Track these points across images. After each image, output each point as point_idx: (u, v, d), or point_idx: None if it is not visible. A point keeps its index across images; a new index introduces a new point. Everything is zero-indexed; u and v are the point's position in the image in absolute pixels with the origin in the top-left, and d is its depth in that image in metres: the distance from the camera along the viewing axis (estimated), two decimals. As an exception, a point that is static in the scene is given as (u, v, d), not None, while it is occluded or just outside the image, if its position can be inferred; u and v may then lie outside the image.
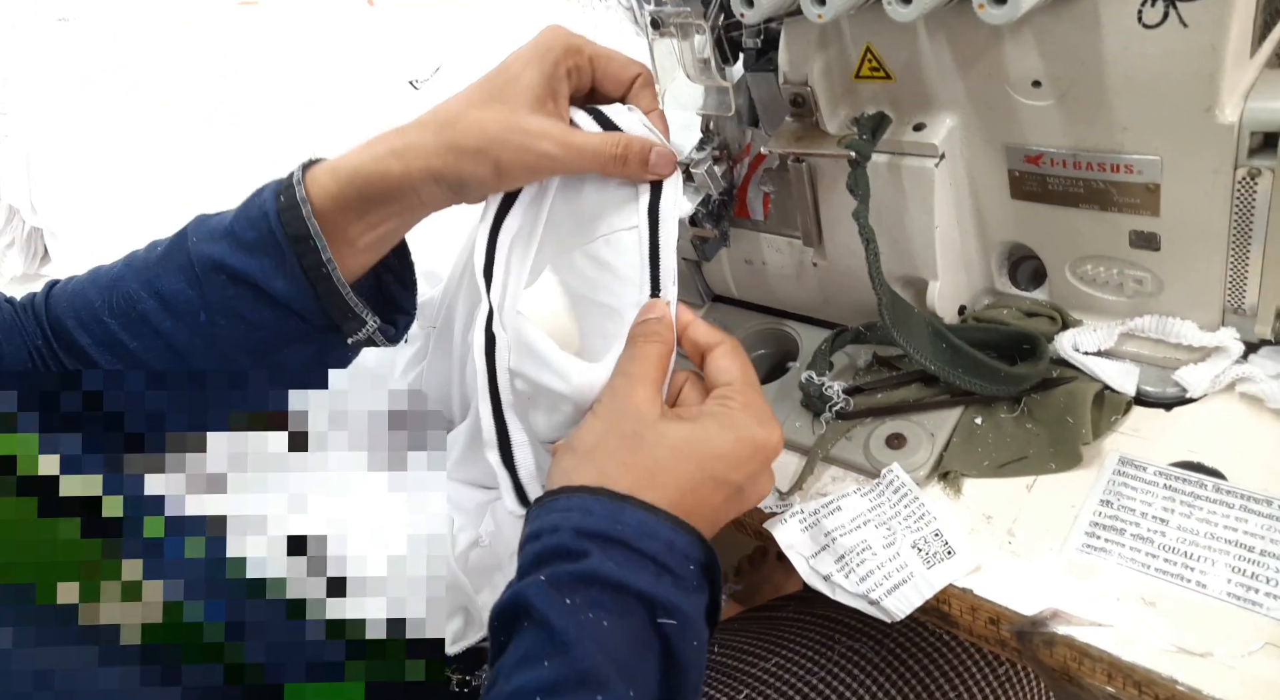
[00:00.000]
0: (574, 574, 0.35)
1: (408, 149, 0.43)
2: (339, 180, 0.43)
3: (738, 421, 0.41)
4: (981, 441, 0.47)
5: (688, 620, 0.36)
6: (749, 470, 0.41)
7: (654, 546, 0.37)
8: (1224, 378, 0.44)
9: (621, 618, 0.35)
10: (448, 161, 0.43)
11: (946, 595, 0.42)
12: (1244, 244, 0.41)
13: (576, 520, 0.37)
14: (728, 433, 0.40)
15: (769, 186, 0.55)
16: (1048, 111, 0.41)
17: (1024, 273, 0.52)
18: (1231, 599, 0.38)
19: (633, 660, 0.34)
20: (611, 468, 0.39)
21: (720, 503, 0.40)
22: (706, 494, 0.40)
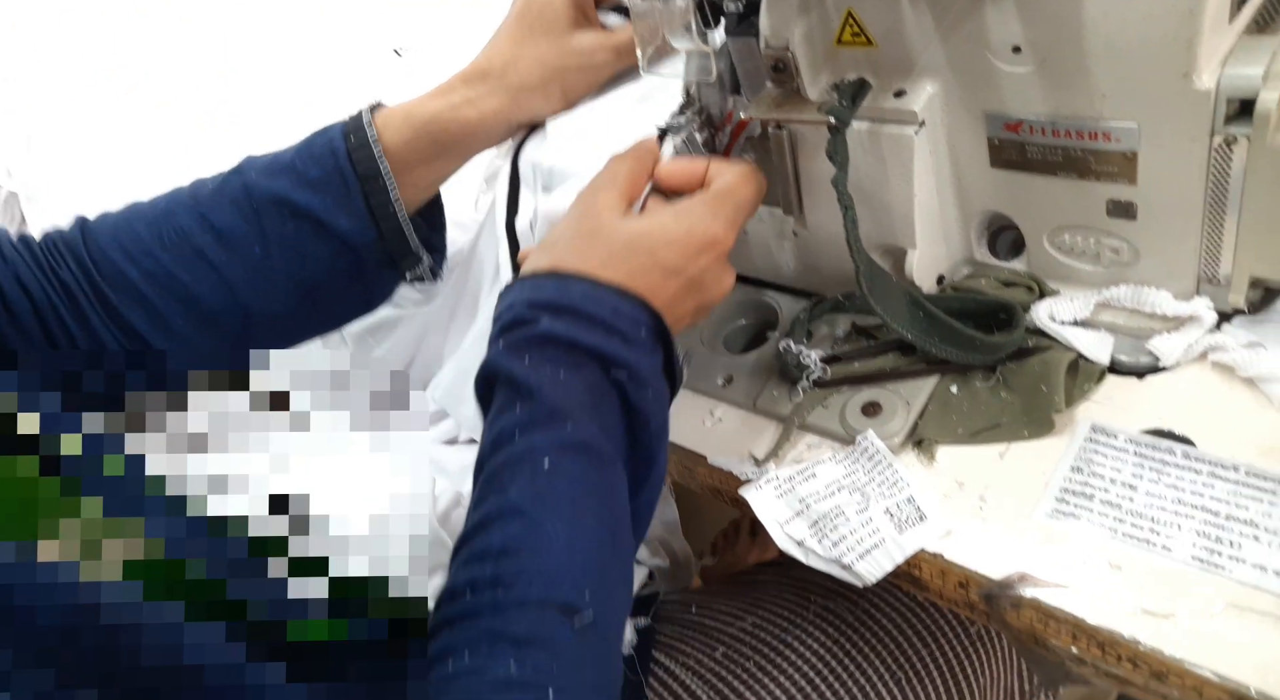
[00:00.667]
0: (528, 337, 0.38)
1: (480, 98, 0.46)
2: (413, 125, 0.46)
3: (694, 215, 0.43)
4: (956, 409, 0.48)
5: (640, 373, 0.39)
6: (701, 263, 0.42)
7: (600, 311, 0.39)
8: (1197, 347, 0.44)
9: (576, 370, 0.38)
10: (519, 102, 0.47)
11: (918, 560, 0.43)
12: (1219, 213, 0.41)
13: (528, 295, 0.40)
14: (680, 223, 0.42)
15: (750, 155, 0.55)
16: (1027, 78, 0.41)
17: (1003, 243, 0.52)
18: (1196, 562, 0.38)
19: (591, 402, 0.38)
20: (567, 256, 0.41)
21: (675, 292, 0.42)
22: (657, 281, 0.41)
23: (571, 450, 0.36)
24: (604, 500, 0.36)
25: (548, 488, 0.35)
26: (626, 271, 0.41)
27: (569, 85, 0.48)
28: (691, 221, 0.43)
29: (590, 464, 0.36)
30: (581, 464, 0.36)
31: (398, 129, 0.46)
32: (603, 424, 0.38)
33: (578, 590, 0.33)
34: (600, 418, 0.38)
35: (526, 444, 0.36)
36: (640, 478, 0.39)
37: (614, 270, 0.41)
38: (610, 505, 0.37)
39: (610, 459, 0.37)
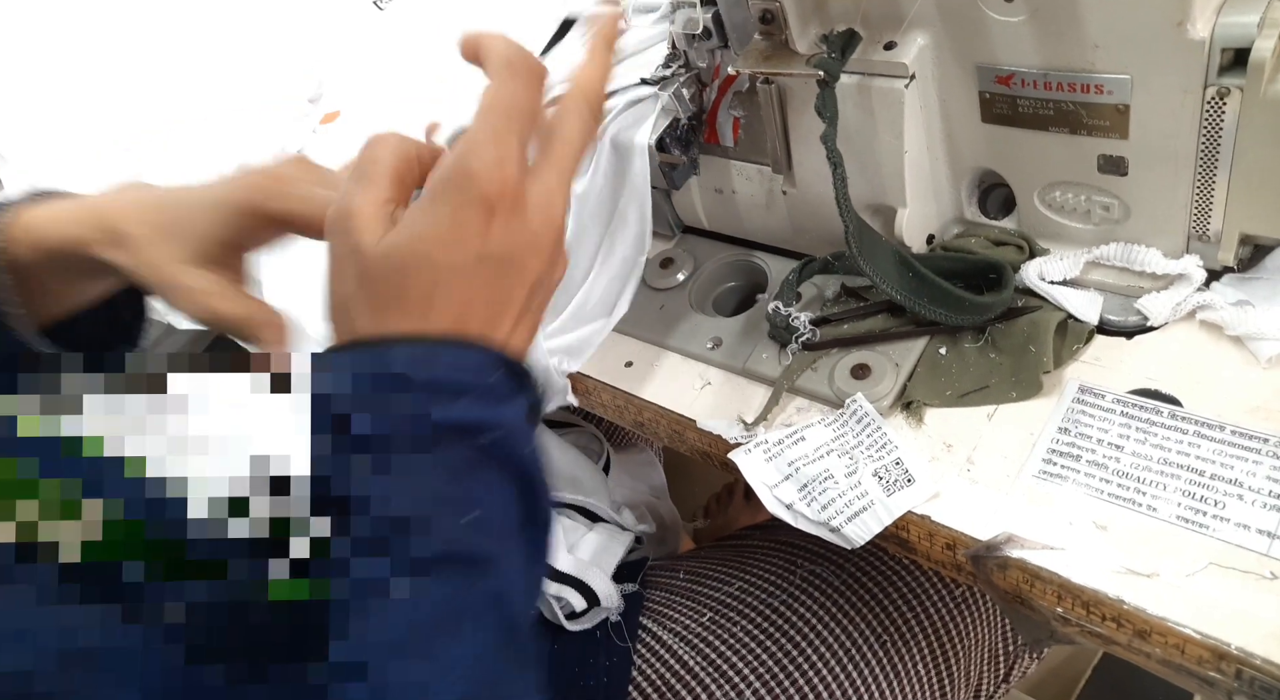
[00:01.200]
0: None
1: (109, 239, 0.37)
2: (39, 251, 0.37)
3: (443, 191, 0.32)
4: (945, 371, 0.47)
5: (509, 428, 0.31)
6: (494, 234, 0.32)
7: (436, 373, 0.30)
8: (1185, 305, 0.44)
9: (435, 456, 0.29)
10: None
11: (905, 522, 0.43)
12: (1210, 168, 0.40)
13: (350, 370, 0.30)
14: (440, 211, 0.32)
15: (739, 111, 0.54)
16: (1020, 28, 0.40)
17: (994, 201, 0.52)
18: (1180, 522, 0.38)
19: (457, 490, 0.29)
20: (360, 314, 0.32)
21: (493, 289, 0.32)
22: (462, 288, 0.32)
23: (430, 567, 0.27)
24: (482, 616, 0.28)
25: (404, 623, 0.26)
26: (427, 298, 0.31)
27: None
28: (452, 200, 0.31)
29: (459, 576, 0.28)
30: (446, 582, 0.28)
31: (32, 248, 0.37)
32: (478, 509, 0.29)
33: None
34: (472, 504, 0.29)
35: (366, 572, 0.26)
36: (536, 547, 0.32)
37: (419, 305, 0.31)
38: (494, 619, 0.28)
39: (486, 560, 0.29)
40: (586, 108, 0.35)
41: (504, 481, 0.31)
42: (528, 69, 0.33)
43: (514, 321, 0.33)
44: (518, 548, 0.31)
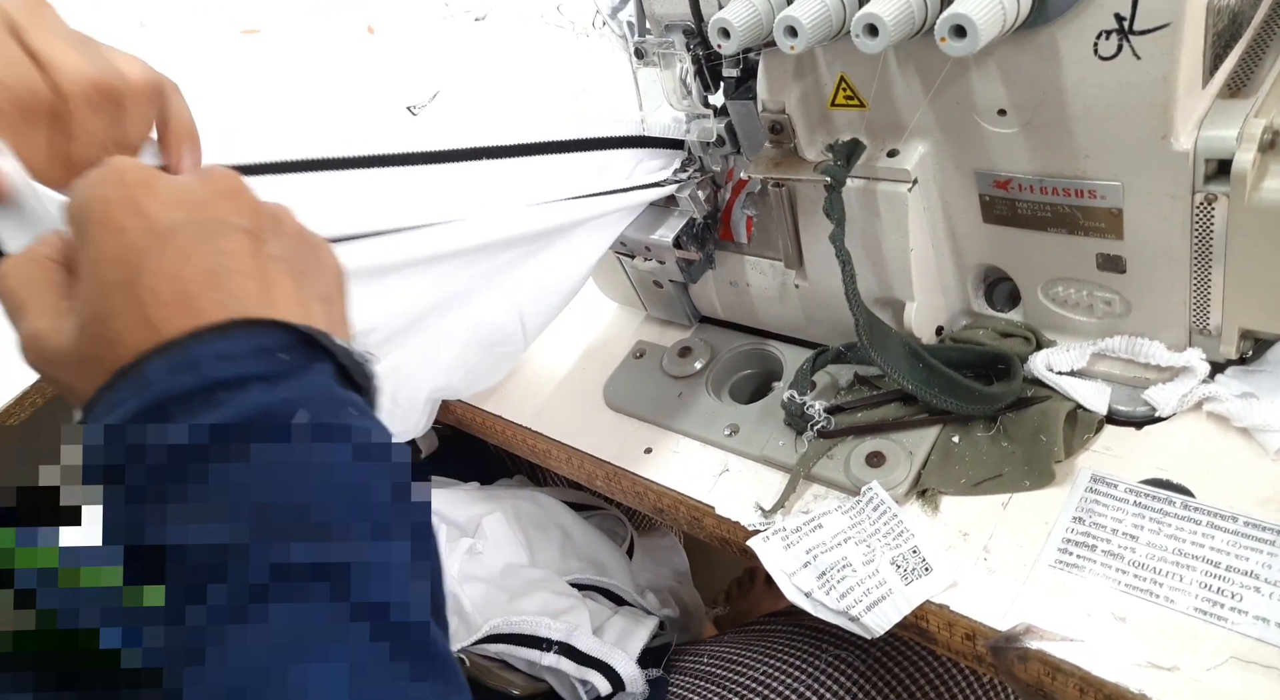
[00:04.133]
0: (148, 472, 0.24)
1: None
2: None
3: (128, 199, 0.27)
4: (959, 459, 0.48)
5: (317, 398, 0.26)
6: (183, 194, 0.28)
7: (199, 377, 0.25)
8: (1191, 397, 0.45)
9: (230, 467, 0.24)
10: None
11: (924, 611, 0.43)
12: (1205, 266, 0.42)
13: (116, 415, 0.25)
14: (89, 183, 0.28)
15: (752, 210, 0.56)
16: (1014, 138, 0.43)
17: (1000, 294, 0.54)
18: (1199, 614, 0.38)
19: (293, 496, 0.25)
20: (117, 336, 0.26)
21: (181, 258, 0.27)
22: (162, 273, 0.26)
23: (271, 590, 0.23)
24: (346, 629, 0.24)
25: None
26: (143, 303, 0.26)
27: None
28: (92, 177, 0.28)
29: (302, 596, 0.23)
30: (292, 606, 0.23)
31: None
32: (307, 505, 0.25)
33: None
34: (293, 504, 0.24)
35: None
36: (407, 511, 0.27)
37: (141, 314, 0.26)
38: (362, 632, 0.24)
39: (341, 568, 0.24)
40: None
41: (336, 457, 0.26)
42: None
43: (263, 288, 0.28)
44: (376, 536, 0.25)
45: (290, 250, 0.30)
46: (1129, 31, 0.36)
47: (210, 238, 0.27)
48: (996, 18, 0.35)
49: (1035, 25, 0.37)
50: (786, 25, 0.39)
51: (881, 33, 0.37)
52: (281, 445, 0.25)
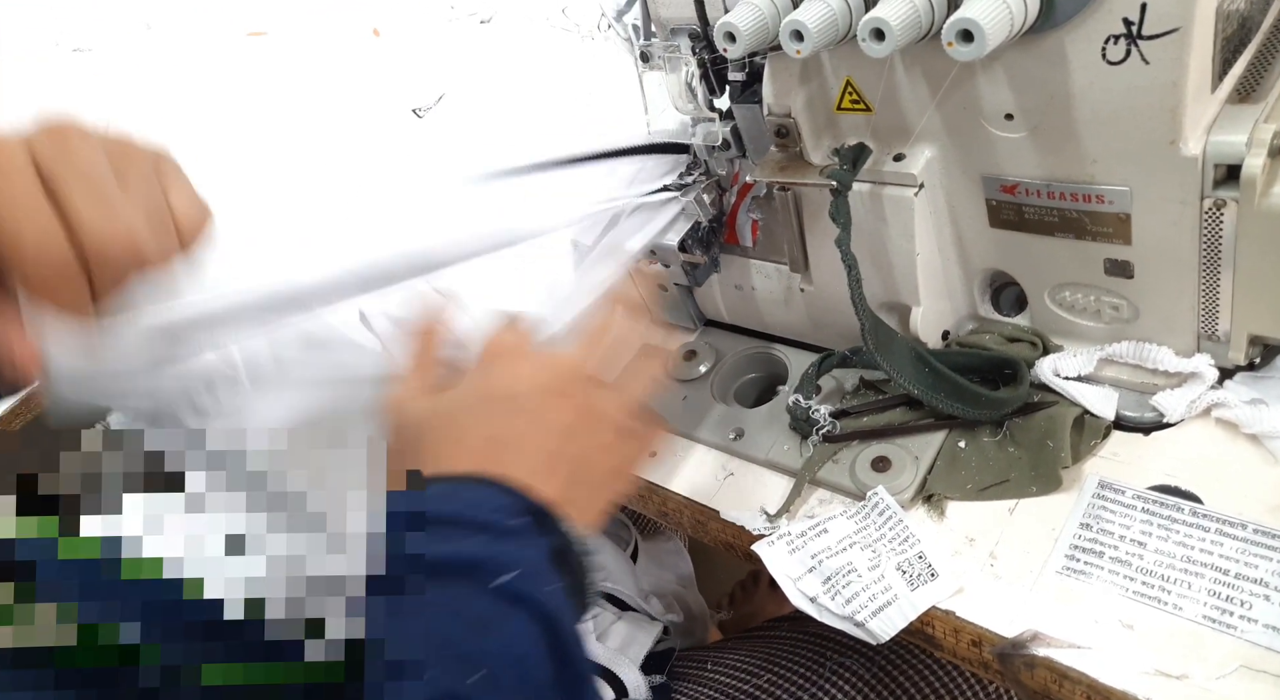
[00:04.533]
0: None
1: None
2: None
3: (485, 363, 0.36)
4: (965, 465, 0.48)
5: (530, 570, 0.30)
6: (515, 373, 0.35)
7: (455, 508, 0.30)
8: (1200, 403, 0.45)
9: (441, 596, 0.28)
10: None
11: (930, 617, 0.43)
12: (1214, 272, 0.42)
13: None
14: (479, 376, 0.36)
15: (757, 214, 0.56)
16: (1021, 143, 0.43)
17: (1006, 298, 0.53)
18: (1207, 622, 0.38)
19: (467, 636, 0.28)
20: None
21: (530, 431, 0.34)
22: (513, 427, 0.34)
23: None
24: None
25: None
26: (458, 448, 0.33)
27: None
28: (488, 367, 0.36)
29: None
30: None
31: None
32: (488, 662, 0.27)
33: None
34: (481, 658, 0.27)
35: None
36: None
37: (449, 456, 0.33)
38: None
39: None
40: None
41: (528, 629, 0.28)
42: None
43: (541, 467, 0.34)
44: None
45: (595, 456, 0.36)
46: (1137, 36, 0.35)
47: (519, 420, 0.34)
48: (1004, 22, 0.35)
49: (1043, 30, 0.37)
50: (792, 30, 0.39)
51: (888, 37, 0.36)
52: (489, 594, 0.28)
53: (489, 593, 0.28)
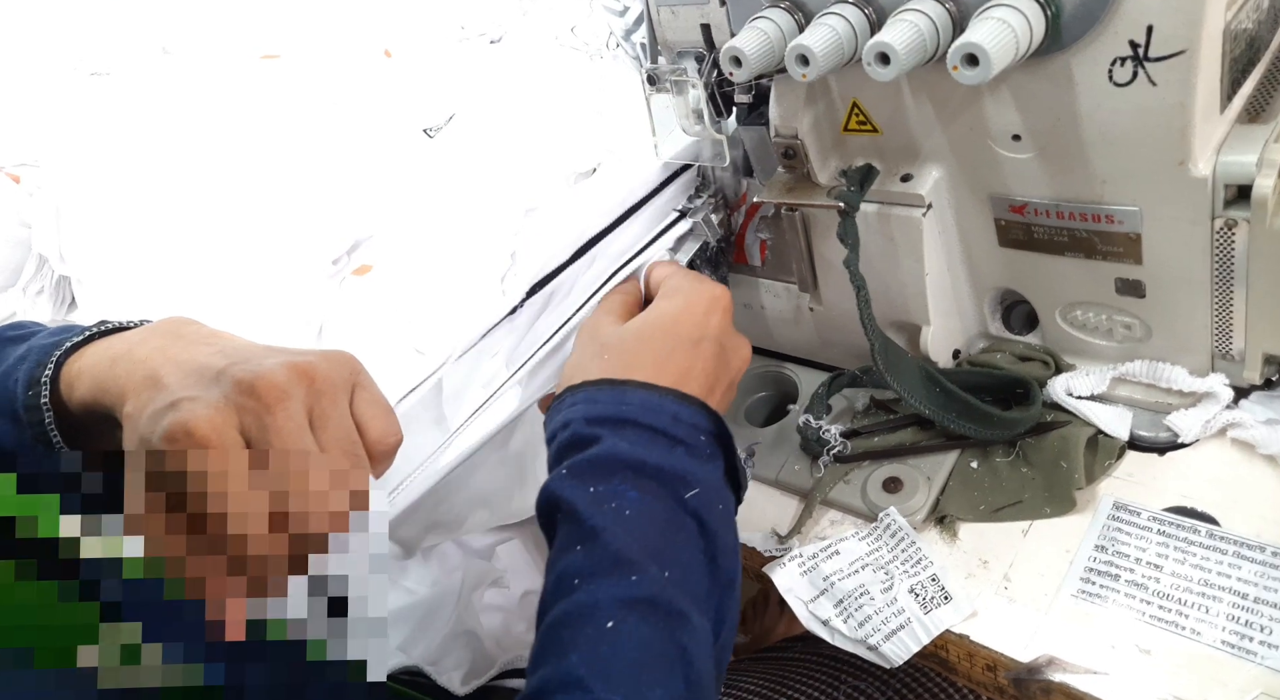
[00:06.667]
0: (591, 461, 0.37)
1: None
2: (73, 402, 0.36)
3: (680, 289, 0.45)
4: (977, 485, 0.48)
5: (709, 487, 0.38)
6: (714, 323, 0.44)
7: (661, 420, 0.38)
8: (1215, 423, 0.44)
9: (645, 502, 0.36)
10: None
11: (944, 641, 0.43)
12: (1227, 291, 0.41)
13: (583, 410, 0.39)
14: (675, 300, 0.44)
15: (765, 234, 0.56)
16: (1029, 164, 0.43)
17: (1018, 317, 0.53)
18: (1226, 647, 0.38)
19: (663, 542, 0.35)
20: (595, 369, 0.41)
21: (706, 364, 0.42)
22: (687, 358, 0.41)
23: (639, 607, 0.33)
24: (674, 665, 0.32)
25: (611, 654, 0.32)
26: (655, 362, 0.41)
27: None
28: (685, 293, 0.44)
29: (660, 623, 0.33)
30: (650, 625, 0.33)
31: (90, 389, 0.35)
32: (676, 566, 0.35)
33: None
34: (666, 557, 0.35)
35: (589, 597, 0.33)
36: (723, 610, 0.36)
37: (643, 366, 0.40)
38: (682, 670, 0.33)
39: (681, 614, 0.34)
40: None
41: (699, 541, 0.36)
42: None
43: (720, 396, 0.42)
44: (706, 612, 0.35)
45: (733, 391, 0.45)
46: (1144, 58, 0.35)
47: (718, 362, 0.43)
48: (1009, 46, 0.35)
49: (1049, 52, 0.37)
50: (798, 54, 0.39)
51: (893, 62, 0.37)
52: (678, 504, 0.36)
53: (680, 504, 0.36)
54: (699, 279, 0.46)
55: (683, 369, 0.41)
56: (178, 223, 0.78)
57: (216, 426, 0.30)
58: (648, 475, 0.36)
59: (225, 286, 0.67)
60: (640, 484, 0.36)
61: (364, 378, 0.36)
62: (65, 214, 0.81)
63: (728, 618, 0.37)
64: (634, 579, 0.33)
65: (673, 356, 0.41)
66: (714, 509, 0.37)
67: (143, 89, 0.91)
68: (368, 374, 0.36)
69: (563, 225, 0.52)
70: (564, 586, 0.34)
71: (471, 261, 0.52)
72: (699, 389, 0.41)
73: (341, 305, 0.60)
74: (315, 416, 0.33)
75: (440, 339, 0.51)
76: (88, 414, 0.37)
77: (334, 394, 0.34)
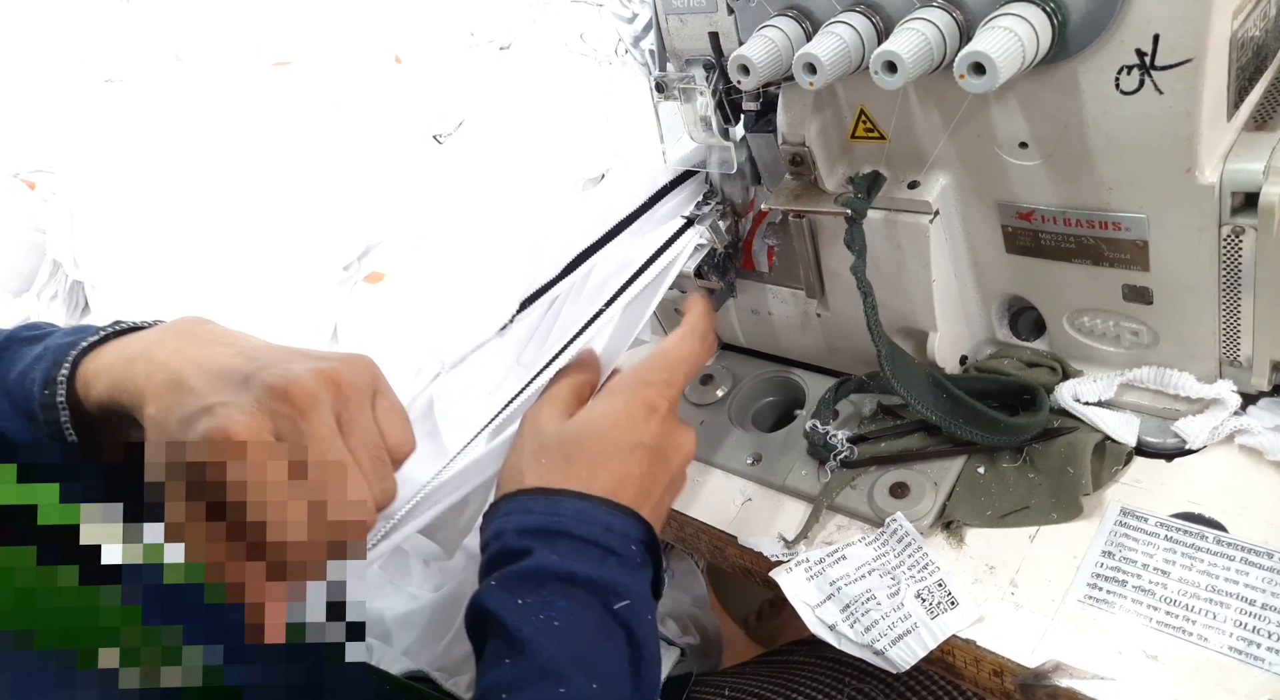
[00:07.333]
0: (521, 573, 0.36)
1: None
2: (90, 402, 0.37)
3: (620, 389, 0.43)
4: (984, 491, 0.48)
5: (638, 597, 0.37)
6: (651, 428, 0.42)
7: (593, 531, 0.38)
8: (1222, 429, 0.44)
9: (575, 611, 0.35)
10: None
11: (950, 646, 0.43)
12: (1234, 298, 0.41)
13: (516, 521, 0.38)
14: (615, 401, 0.43)
15: (773, 240, 0.57)
16: (1036, 171, 0.43)
17: (1025, 323, 0.53)
18: (1233, 653, 0.38)
19: (592, 652, 0.35)
20: (530, 475, 0.40)
21: (642, 469, 0.41)
22: (622, 465, 0.40)
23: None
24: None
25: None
26: (589, 469, 0.40)
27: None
28: (624, 395, 0.43)
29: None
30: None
31: (106, 388, 0.36)
32: (600, 675, 0.35)
33: None
34: (596, 668, 0.35)
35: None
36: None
37: (578, 475, 0.40)
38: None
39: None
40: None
41: (626, 651, 0.36)
42: (705, 336, 0.46)
43: (654, 505, 0.41)
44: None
45: (672, 500, 0.45)
46: (1150, 67, 0.36)
47: (655, 469, 0.42)
48: (1015, 55, 0.35)
49: (1056, 60, 0.37)
50: (805, 62, 0.39)
51: (900, 70, 0.37)
52: (607, 615, 0.36)
53: (611, 614, 0.36)
54: (640, 381, 0.43)
55: (618, 476, 0.40)
56: (190, 228, 0.79)
57: (254, 432, 0.31)
58: (578, 585, 0.36)
59: (237, 291, 0.67)
60: (570, 593, 0.36)
61: (382, 384, 0.36)
62: (79, 219, 0.82)
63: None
64: (561, 691, 0.33)
65: (608, 464, 0.40)
66: (643, 619, 0.37)
67: (156, 96, 0.92)
68: (385, 380, 0.37)
69: (568, 236, 0.52)
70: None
71: (482, 269, 0.52)
72: (632, 496, 0.40)
73: (354, 312, 0.61)
74: (343, 422, 0.33)
75: (451, 349, 0.52)
76: (105, 413, 0.37)
77: (360, 400, 0.34)
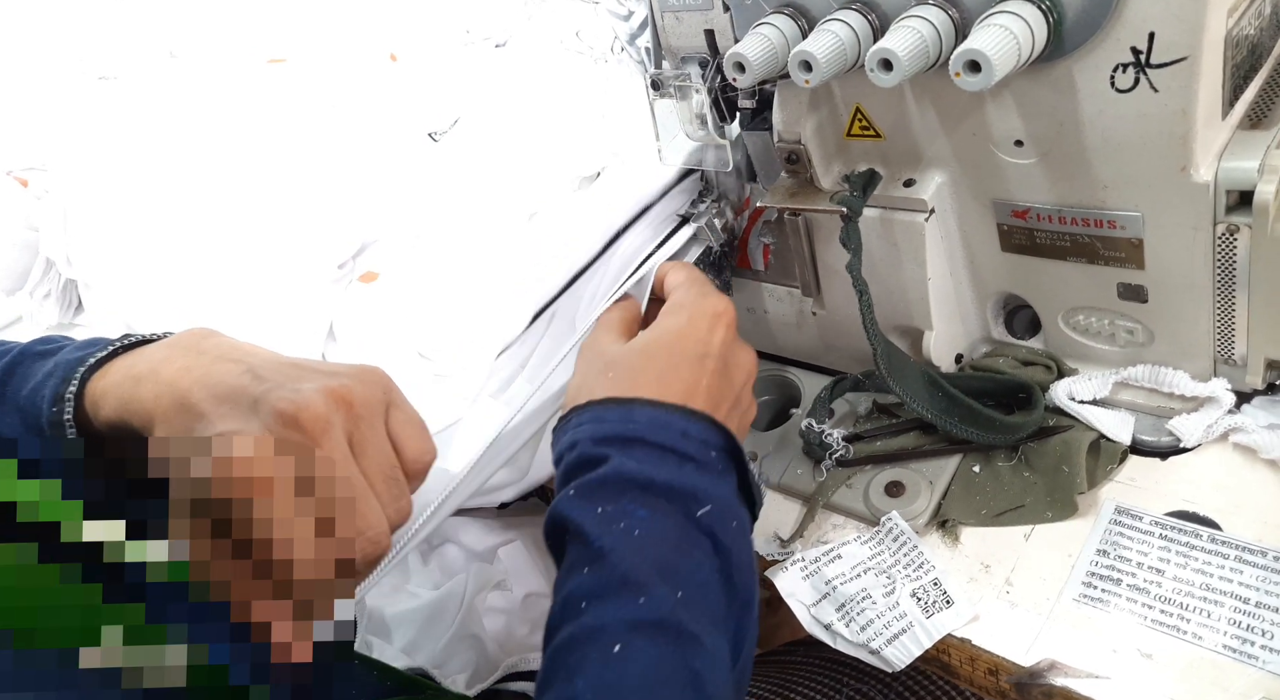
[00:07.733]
0: (599, 480, 0.36)
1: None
2: (99, 422, 0.36)
3: (684, 304, 0.44)
4: (980, 490, 0.48)
5: (722, 503, 0.37)
6: (717, 338, 0.43)
7: (670, 437, 0.37)
8: (1217, 428, 0.44)
9: (656, 519, 0.35)
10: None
11: (946, 645, 0.43)
12: (1229, 297, 0.41)
13: (590, 430, 0.38)
14: (679, 316, 0.43)
15: (769, 238, 0.57)
16: (1031, 169, 0.43)
17: (1020, 321, 0.53)
18: (1228, 651, 0.38)
19: (673, 561, 0.34)
20: (600, 388, 0.40)
21: (711, 379, 0.41)
22: (692, 374, 0.41)
23: (646, 630, 0.32)
24: (684, 690, 0.32)
25: (617, 679, 0.31)
26: (659, 379, 0.40)
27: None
28: (688, 309, 0.43)
29: (669, 646, 0.32)
30: (659, 648, 0.32)
31: (115, 409, 0.35)
32: (689, 586, 0.34)
33: None
34: (679, 576, 0.34)
35: (596, 620, 0.32)
36: (741, 631, 0.36)
37: (648, 384, 0.40)
38: (694, 695, 0.32)
39: (693, 636, 0.33)
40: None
41: (713, 558, 0.35)
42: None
43: (728, 411, 0.41)
44: (722, 633, 0.34)
45: (748, 411, 0.45)
46: (1146, 65, 0.36)
47: (724, 378, 0.42)
48: (1011, 53, 0.35)
49: (1051, 58, 0.37)
50: (801, 60, 0.39)
51: (896, 68, 0.37)
52: (690, 521, 0.36)
53: (692, 521, 0.35)
54: (702, 293, 0.45)
55: (688, 385, 0.40)
56: (184, 226, 0.78)
57: (264, 466, 0.30)
58: (657, 493, 0.36)
59: (231, 290, 0.67)
60: (650, 502, 0.35)
61: (396, 395, 0.36)
62: (73, 218, 0.82)
63: (746, 638, 0.36)
64: (641, 601, 0.32)
65: (678, 373, 0.40)
66: (728, 526, 0.36)
67: (150, 93, 0.91)
68: (399, 391, 0.36)
69: (565, 234, 0.52)
70: (570, 609, 0.33)
71: (477, 269, 0.52)
72: (705, 404, 0.40)
73: (349, 312, 0.61)
74: (355, 443, 0.33)
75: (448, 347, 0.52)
76: (115, 433, 0.36)
77: (372, 419, 0.33)
